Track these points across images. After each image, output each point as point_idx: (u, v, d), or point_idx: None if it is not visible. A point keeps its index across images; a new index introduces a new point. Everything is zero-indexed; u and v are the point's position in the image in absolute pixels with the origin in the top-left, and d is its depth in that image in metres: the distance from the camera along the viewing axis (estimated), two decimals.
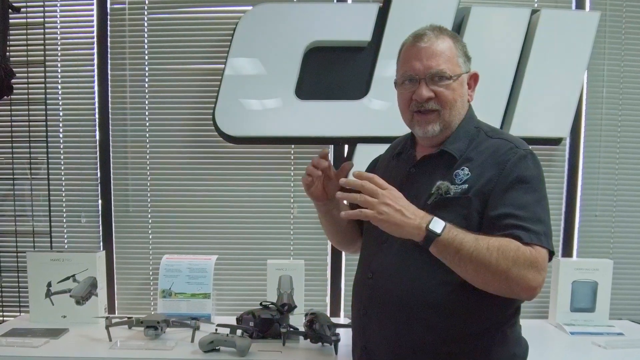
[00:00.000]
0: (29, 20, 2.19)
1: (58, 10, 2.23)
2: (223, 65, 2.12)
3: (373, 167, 1.48)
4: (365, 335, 1.29)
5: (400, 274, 1.20)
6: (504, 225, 1.12)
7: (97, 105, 2.25)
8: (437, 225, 1.08)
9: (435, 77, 1.21)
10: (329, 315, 2.07)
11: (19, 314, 2.24)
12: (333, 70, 2.17)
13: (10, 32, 2.12)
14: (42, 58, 2.20)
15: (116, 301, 2.30)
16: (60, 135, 2.28)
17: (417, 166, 1.30)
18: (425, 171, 1.27)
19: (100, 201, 2.28)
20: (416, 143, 1.35)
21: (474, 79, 1.30)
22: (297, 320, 1.93)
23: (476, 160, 1.21)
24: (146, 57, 2.24)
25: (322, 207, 1.41)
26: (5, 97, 2.09)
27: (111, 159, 2.26)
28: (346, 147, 2.19)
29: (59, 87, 2.26)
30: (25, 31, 2.20)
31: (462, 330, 1.15)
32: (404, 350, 1.20)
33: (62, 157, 2.28)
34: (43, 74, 2.21)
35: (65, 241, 2.31)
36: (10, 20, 2.10)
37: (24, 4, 2.17)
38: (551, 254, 1.15)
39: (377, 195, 1.08)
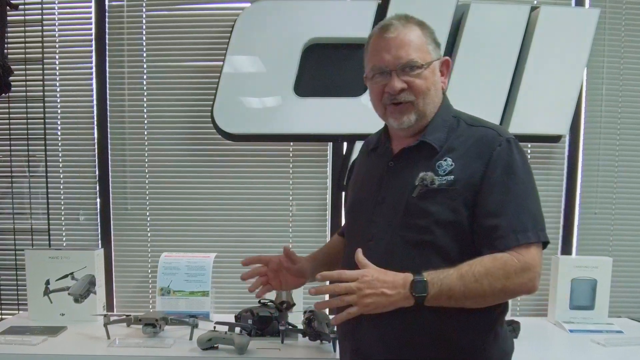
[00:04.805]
0: (26, 17, 2.19)
1: (56, 8, 2.22)
2: (221, 63, 2.12)
3: (350, 170, 1.47)
4: (356, 337, 1.25)
5: None
6: (491, 236, 1.13)
7: (95, 102, 2.24)
8: (421, 286, 1.08)
9: (407, 67, 1.19)
10: (327, 312, 2.07)
11: (17, 311, 2.24)
12: (332, 67, 2.16)
13: (8, 29, 2.11)
14: (40, 55, 2.20)
15: (114, 299, 2.30)
16: (59, 133, 2.27)
17: (396, 159, 1.27)
18: (405, 164, 1.24)
19: (98, 199, 2.27)
20: (391, 136, 1.32)
21: (445, 65, 1.27)
22: (296, 318, 1.93)
23: (459, 150, 1.19)
24: (144, 55, 2.23)
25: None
26: (3, 94, 2.09)
27: (109, 157, 2.26)
28: (345, 144, 2.18)
29: (57, 84, 2.25)
30: (23, 28, 2.19)
31: (456, 330, 1.15)
32: (402, 350, 1.18)
33: (60, 155, 2.28)
34: (41, 72, 2.20)
35: (64, 239, 2.30)
36: (8, 18, 2.09)
37: (22, 2, 2.16)
38: (545, 243, 1.15)
39: (353, 290, 1.08)
